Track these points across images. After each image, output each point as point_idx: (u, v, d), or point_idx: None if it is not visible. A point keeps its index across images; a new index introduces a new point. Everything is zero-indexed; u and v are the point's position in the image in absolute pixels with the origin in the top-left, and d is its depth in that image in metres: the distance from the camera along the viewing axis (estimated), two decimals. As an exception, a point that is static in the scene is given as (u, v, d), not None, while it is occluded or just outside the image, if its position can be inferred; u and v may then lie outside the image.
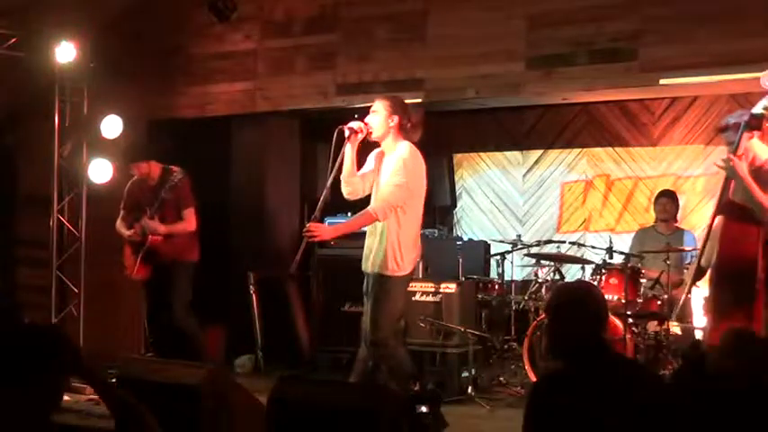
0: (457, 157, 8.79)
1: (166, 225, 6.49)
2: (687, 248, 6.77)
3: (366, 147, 5.53)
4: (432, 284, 6.64)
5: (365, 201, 5.61)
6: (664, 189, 7.40)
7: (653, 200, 7.38)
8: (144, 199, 6.59)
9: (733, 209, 4.82)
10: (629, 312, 6.44)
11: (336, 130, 5.44)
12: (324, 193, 5.44)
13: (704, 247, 4.90)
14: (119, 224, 6.78)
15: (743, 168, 4.69)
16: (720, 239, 4.73)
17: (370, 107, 7.34)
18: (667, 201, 7.12)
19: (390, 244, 5.21)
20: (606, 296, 6.63)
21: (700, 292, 5.99)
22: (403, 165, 5.18)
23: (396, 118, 5.30)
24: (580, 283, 5.94)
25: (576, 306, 3.16)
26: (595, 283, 6.77)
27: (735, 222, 4.75)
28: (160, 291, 6.56)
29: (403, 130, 5.31)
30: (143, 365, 4.34)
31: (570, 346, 3.16)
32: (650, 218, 7.45)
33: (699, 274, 5.03)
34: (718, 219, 4.79)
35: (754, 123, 4.71)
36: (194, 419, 3.75)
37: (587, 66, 6.55)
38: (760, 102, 4.75)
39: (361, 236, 7.73)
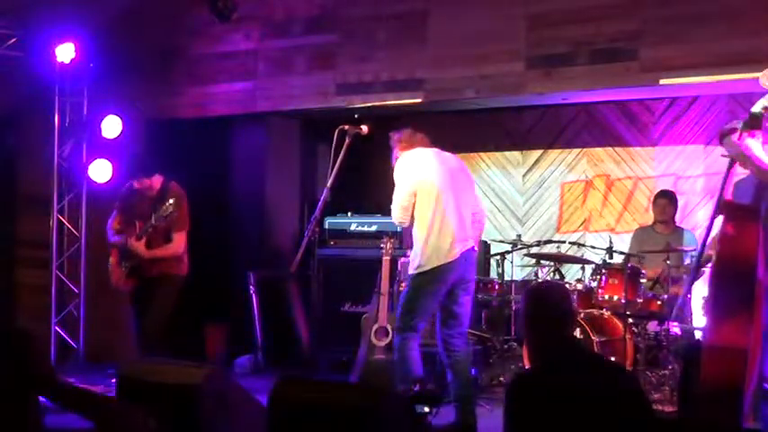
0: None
1: (151, 250, 6.24)
2: (687, 248, 6.77)
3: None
4: None
5: (368, 200, 5.67)
6: (662, 190, 7.38)
7: (652, 200, 7.38)
8: (138, 209, 6.37)
9: (732, 208, 4.83)
10: (628, 312, 6.45)
11: (337, 131, 5.45)
12: (324, 193, 5.45)
13: (704, 246, 4.91)
14: (109, 227, 6.54)
15: (748, 146, 4.75)
16: (719, 240, 4.73)
17: (370, 107, 7.39)
18: (666, 203, 7.11)
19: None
20: (606, 296, 6.65)
21: (699, 292, 6.00)
22: (395, 176, 5.50)
23: (394, 151, 5.61)
24: (546, 284, 6.02)
25: (540, 307, 3.31)
26: (595, 283, 6.78)
27: (733, 221, 4.75)
28: (145, 304, 6.34)
29: (402, 149, 5.57)
30: (143, 366, 4.34)
31: (539, 345, 3.31)
32: (650, 218, 7.45)
33: (697, 275, 5.04)
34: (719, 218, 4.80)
35: (754, 122, 4.74)
36: (194, 419, 3.75)
37: (587, 66, 6.56)
38: (759, 101, 4.77)
39: (362, 236, 7.78)
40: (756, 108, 4.72)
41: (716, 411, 4.40)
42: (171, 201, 6.09)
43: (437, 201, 5.33)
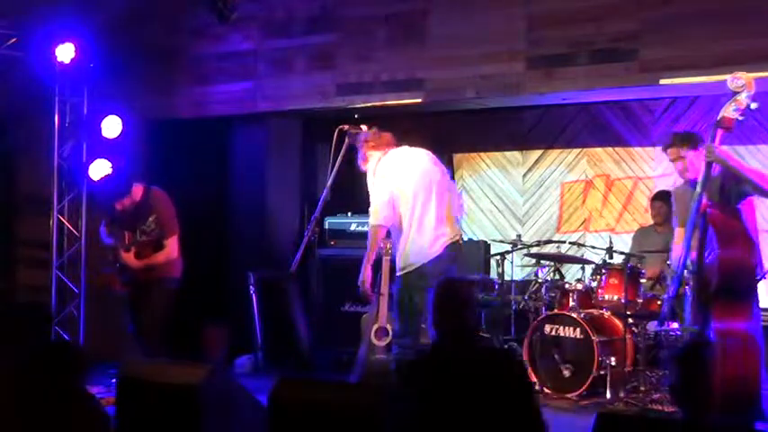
0: (457, 157, 8.78)
1: (142, 259, 6.23)
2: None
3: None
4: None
5: (368, 200, 5.66)
6: (658, 191, 7.38)
7: (649, 202, 7.39)
8: (124, 222, 6.34)
9: (721, 209, 4.89)
10: (628, 312, 6.45)
11: (337, 131, 5.46)
12: (324, 193, 5.47)
13: (688, 250, 4.97)
14: (102, 233, 6.55)
15: (725, 151, 5.00)
16: (718, 239, 4.76)
17: (370, 107, 7.39)
18: (661, 204, 7.10)
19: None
20: (606, 296, 6.66)
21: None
22: (372, 175, 5.54)
23: (361, 151, 5.57)
24: (452, 278, 6.19)
25: (447, 299, 3.78)
26: (595, 283, 6.79)
27: (727, 221, 4.81)
28: (141, 309, 6.33)
29: (370, 149, 5.51)
30: (143, 366, 4.34)
31: (444, 330, 3.78)
32: (650, 218, 7.45)
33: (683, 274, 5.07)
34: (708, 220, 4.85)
35: (727, 123, 4.89)
36: (194, 419, 3.75)
37: (587, 66, 6.56)
38: (728, 104, 4.89)
39: (362, 237, 7.77)
40: (729, 112, 4.83)
41: (731, 414, 4.43)
42: (151, 218, 6.11)
43: (414, 200, 5.42)
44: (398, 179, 5.48)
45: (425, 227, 5.43)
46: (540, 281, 7.25)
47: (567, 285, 6.92)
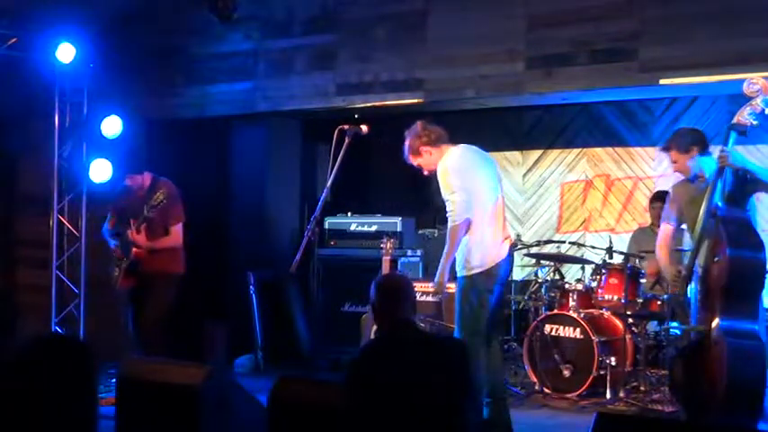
0: (457, 157, 8.77)
1: (150, 240, 6.25)
2: (686, 248, 6.75)
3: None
4: (432, 284, 6.63)
5: (368, 200, 5.62)
6: (657, 192, 7.38)
7: (648, 202, 7.38)
8: (130, 208, 6.37)
9: (731, 210, 4.89)
10: (629, 312, 6.45)
11: (337, 131, 5.45)
12: (324, 193, 5.44)
13: (698, 248, 4.95)
14: (105, 231, 6.59)
15: (738, 157, 4.97)
16: (728, 240, 4.76)
17: (370, 107, 7.39)
18: (661, 205, 7.08)
19: (463, 244, 5.27)
20: (606, 296, 6.66)
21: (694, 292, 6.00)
22: (445, 173, 5.27)
23: (425, 147, 5.37)
24: (391, 274, 6.21)
25: (392, 294, 3.97)
26: (595, 283, 6.78)
27: (737, 222, 4.82)
28: (143, 302, 6.34)
29: (435, 144, 5.39)
30: (143, 366, 4.34)
31: (388, 323, 3.97)
32: (650, 218, 7.45)
33: (690, 275, 5.05)
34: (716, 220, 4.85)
35: (741, 128, 4.88)
36: (194, 419, 3.75)
37: (587, 66, 6.56)
38: (744, 109, 4.86)
39: (362, 237, 7.76)
40: (744, 117, 4.82)
41: (734, 414, 4.43)
42: (159, 192, 6.12)
43: (487, 199, 5.32)
44: (473, 176, 5.36)
45: (499, 225, 5.35)
46: (540, 281, 7.26)
47: (567, 285, 6.93)
